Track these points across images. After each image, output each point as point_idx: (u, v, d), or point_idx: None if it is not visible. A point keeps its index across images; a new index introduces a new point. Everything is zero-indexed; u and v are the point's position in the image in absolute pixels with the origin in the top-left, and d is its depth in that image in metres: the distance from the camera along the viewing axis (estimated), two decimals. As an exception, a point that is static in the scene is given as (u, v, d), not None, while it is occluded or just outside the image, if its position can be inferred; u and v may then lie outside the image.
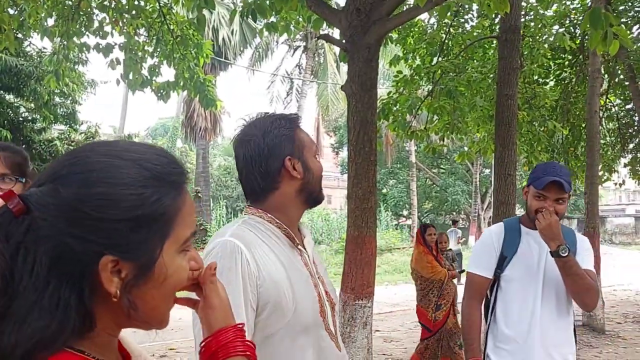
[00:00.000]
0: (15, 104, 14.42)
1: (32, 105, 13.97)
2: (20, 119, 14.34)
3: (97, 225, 0.73)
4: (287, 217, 1.64)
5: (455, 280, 6.60)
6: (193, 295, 0.99)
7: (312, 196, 1.68)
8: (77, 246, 0.71)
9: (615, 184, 16.31)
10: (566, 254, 2.51)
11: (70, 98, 14.66)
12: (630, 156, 14.23)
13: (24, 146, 10.84)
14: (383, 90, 12.20)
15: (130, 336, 0.88)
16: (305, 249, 1.67)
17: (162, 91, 8.26)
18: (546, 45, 9.77)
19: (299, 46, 27.19)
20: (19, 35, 9.78)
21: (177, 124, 29.36)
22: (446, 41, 8.80)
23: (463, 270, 4.95)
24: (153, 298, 0.78)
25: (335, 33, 6.99)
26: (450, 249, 7.47)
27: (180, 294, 0.90)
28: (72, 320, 0.72)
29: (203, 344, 0.96)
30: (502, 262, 2.70)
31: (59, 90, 12.76)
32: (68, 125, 15.14)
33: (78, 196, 0.73)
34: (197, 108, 23.68)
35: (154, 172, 0.78)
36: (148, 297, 0.78)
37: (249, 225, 1.59)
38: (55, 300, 0.71)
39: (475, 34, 9.18)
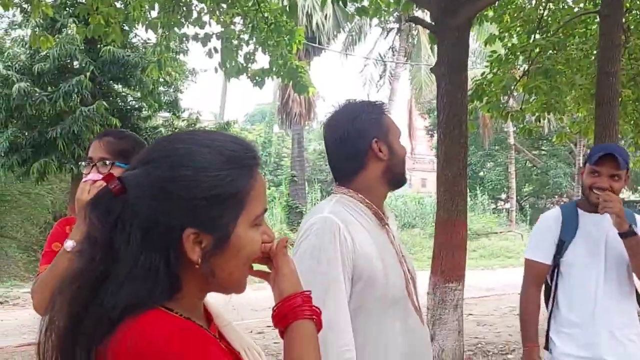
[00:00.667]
0: (123, 94, 15.29)
1: (139, 94, 14.76)
2: (128, 107, 15.20)
3: (181, 203, 0.86)
4: (374, 196, 1.76)
5: None
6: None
7: (397, 177, 1.81)
8: (165, 221, 0.86)
9: None
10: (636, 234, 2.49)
11: (172, 86, 15.37)
12: None
13: (131, 133, 11.53)
14: (479, 70, 11.91)
15: (213, 298, 1.02)
16: (390, 228, 1.78)
17: (257, 78, 8.52)
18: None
19: (392, 28, 26.96)
20: (125, 28, 10.42)
21: (273, 110, 30.04)
22: (544, 18, 8.45)
23: None
24: (229, 266, 0.91)
25: (427, 15, 6.93)
26: None
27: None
28: (161, 283, 0.86)
29: (275, 308, 1.06)
30: (561, 247, 2.67)
31: (162, 80, 13.44)
32: (171, 113, 15.91)
33: (165, 178, 0.87)
34: (291, 94, 24.13)
35: (229, 157, 0.90)
36: (225, 265, 0.91)
37: (342, 204, 1.71)
38: (147, 265, 0.84)
39: (575, 9, 8.75)
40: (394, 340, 1.66)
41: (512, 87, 7.90)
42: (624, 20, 7.24)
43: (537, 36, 8.30)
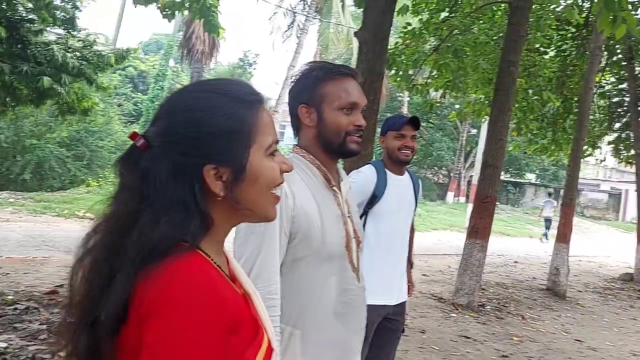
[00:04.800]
0: (14, 1, 14.01)
1: (31, 5, 13.60)
2: (17, 17, 13.96)
3: (197, 144, 0.96)
4: (322, 159, 1.85)
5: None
6: None
7: (331, 147, 1.82)
8: (186, 161, 0.95)
9: (597, 159, 16.74)
10: None
11: (70, 2, 14.29)
12: (615, 135, 14.52)
13: (19, 46, 10.68)
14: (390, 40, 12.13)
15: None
16: (340, 190, 1.89)
17: (167, 10, 8.19)
18: (552, 16, 9.80)
19: (307, -20, 26.59)
20: None
21: (171, 42, 28.83)
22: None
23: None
24: (251, 194, 1.01)
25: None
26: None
27: None
28: (194, 216, 0.95)
29: None
30: (373, 200, 3.02)
31: (58, -9, 12.42)
32: (66, 31, 14.82)
33: (179, 123, 0.97)
34: (196, 30, 23.33)
35: (234, 97, 1.01)
36: (247, 193, 1.01)
37: (292, 162, 1.79)
38: (176, 202, 0.93)
39: (488, -5, 9.20)
40: (328, 293, 1.80)
41: (422, 62, 8.22)
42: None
43: (445, 15, 8.61)
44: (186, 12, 8.65)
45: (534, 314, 7.65)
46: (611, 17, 4.85)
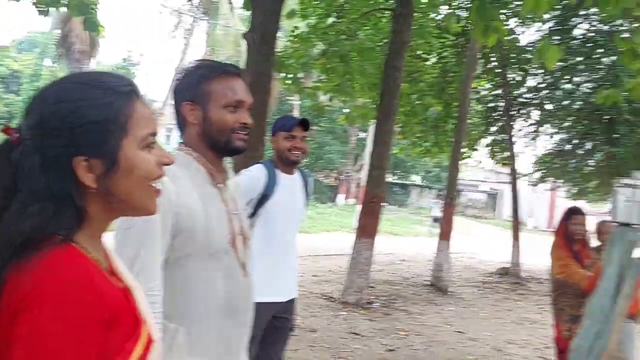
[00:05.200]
0: None
1: None
2: None
3: (67, 135, 0.94)
4: (208, 157, 1.83)
5: None
6: None
7: (217, 145, 1.81)
8: (57, 153, 0.93)
9: (475, 161, 17.81)
10: None
11: None
12: (491, 138, 15.49)
13: None
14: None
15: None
16: (226, 187, 1.88)
17: (43, 5, 7.74)
18: (433, 24, 10.29)
19: (194, -20, 26.14)
20: None
21: (47, 41, 27.29)
22: (344, 5, 9.03)
23: None
24: (126, 186, 0.99)
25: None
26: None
27: None
28: (65, 209, 0.92)
29: None
30: (264, 199, 3.07)
31: None
32: None
33: (51, 116, 0.95)
34: (74, 28, 22.23)
35: (107, 87, 0.99)
36: (121, 185, 0.99)
37: (177, 160, 1.75)
38: (48, 195, 0.91)
39: (372, 1, 9.50)
40: (213, 289, 1.79)
41: (311, 66, 8.34)
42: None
43: (332, 20, 8.80)
44: (64, 9, 8.21)
45: (419, 308, 7.98)
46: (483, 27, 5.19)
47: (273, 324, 3.05)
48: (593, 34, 12.98)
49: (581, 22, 13.03)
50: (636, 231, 3.24)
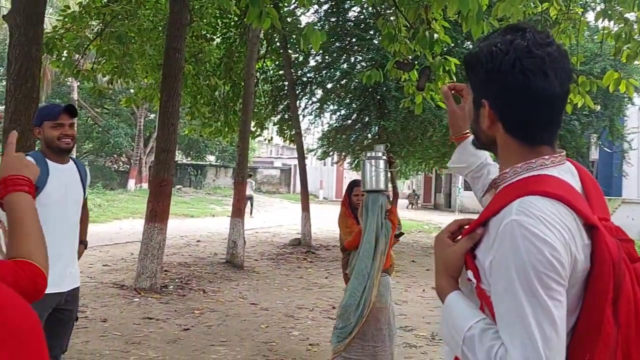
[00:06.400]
0: None
1: None
2: None
3: None
4: None
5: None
6: None
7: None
8: None
9: (265, 139, 18.39)
10: None
11: None
12: (279, 116, 16.11)
13: None
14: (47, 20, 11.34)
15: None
16: None
17: None
18: (213, 5, 10.34)
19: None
20: None
21: None
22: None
23: (401, 234, 4.20)
24: None
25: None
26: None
27: None
28: None
29: None
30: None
31: None
32: None
33: None
34: None
35: None
36: None
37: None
38: None
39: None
40: None
41: (86, 47, 7.93)
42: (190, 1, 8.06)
43: (112, 2, 8.49)
44: None
45: (214, 286, 8.16)
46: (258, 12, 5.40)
47: (56, 317, 3.03)
48: (365, 17, 14.13)
49: (354, 5, 14.08)
50: (384, 195, 3.75)
